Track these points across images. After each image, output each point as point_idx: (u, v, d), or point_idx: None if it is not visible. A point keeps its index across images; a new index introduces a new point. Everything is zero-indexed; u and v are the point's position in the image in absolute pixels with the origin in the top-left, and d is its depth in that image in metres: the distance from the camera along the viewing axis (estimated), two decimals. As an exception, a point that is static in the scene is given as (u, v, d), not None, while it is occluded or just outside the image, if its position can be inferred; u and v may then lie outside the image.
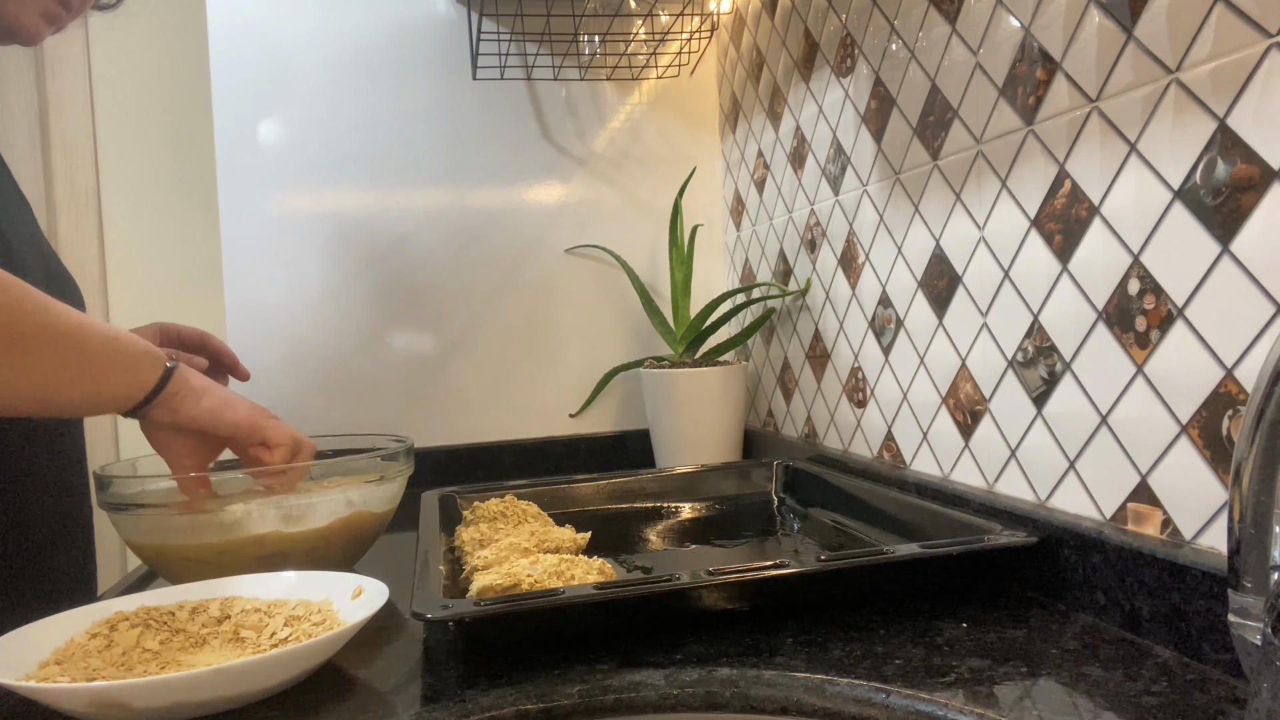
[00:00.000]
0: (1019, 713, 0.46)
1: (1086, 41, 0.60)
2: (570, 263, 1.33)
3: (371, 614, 0.56)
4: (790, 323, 1.13)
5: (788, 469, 0.99)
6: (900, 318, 0.86)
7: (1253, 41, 0.48)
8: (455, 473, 1.27)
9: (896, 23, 0.84)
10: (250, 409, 0.73)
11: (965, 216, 0.75)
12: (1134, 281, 0.57)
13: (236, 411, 0.71)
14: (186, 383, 0.69)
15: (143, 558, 0.75)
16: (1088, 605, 0.59)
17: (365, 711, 0.51)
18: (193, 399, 0.70)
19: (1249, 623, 0.35)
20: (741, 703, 0.51)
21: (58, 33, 0.79)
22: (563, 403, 1.34)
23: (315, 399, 1.25)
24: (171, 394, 0.69)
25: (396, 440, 0.86)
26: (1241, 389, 0.50)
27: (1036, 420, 0.67)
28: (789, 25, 1.08)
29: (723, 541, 0.84)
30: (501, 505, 0.84)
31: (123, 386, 0.66)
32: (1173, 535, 0.55)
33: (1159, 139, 0.54)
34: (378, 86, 1.26)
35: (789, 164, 1.11)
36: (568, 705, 0.51)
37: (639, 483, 0.98)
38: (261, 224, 1.23)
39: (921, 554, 0.60)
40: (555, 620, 0.58)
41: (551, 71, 1.31)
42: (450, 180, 1.29)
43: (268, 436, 0.72)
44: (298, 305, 1.24)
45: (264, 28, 1.23)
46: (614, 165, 1.34)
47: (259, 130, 1.23)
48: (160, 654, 0.57)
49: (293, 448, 0.74)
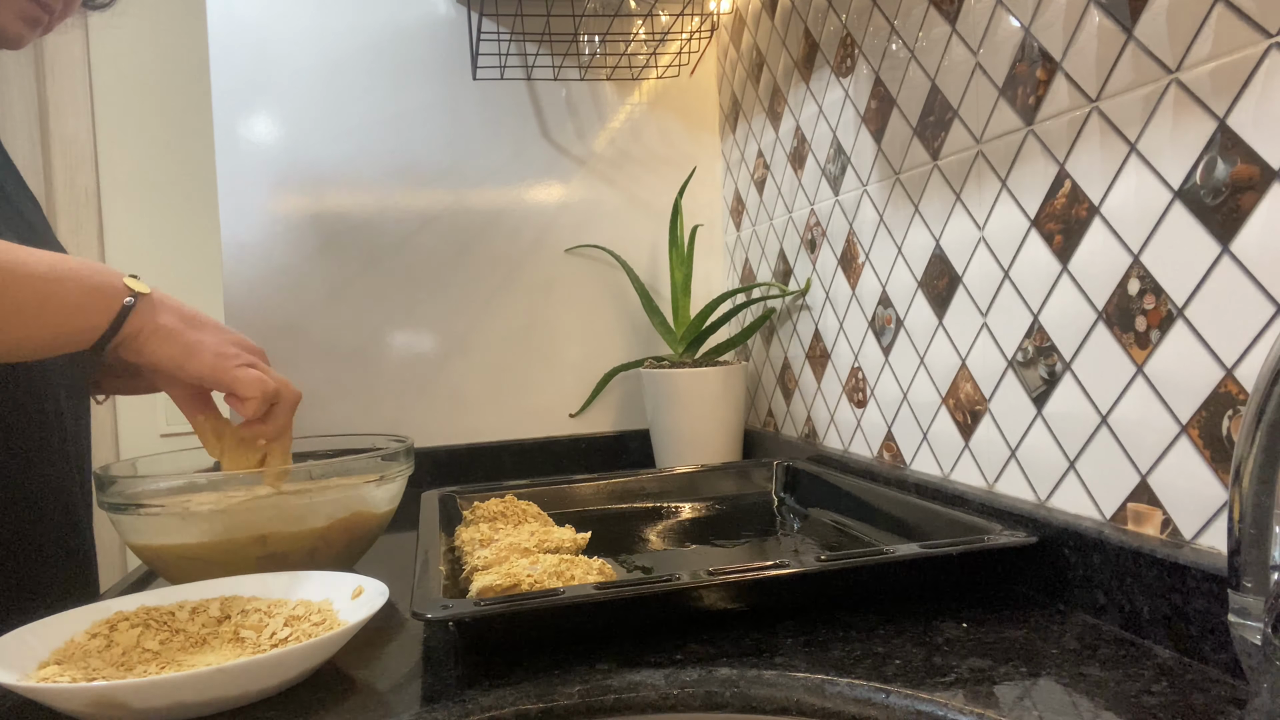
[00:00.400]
0: (1019, 713, 0.46)
1: (1086, 41, 0.60)
2: (570, 263, 1.33)
3: (371, 614, 0.56)
4: (790, 323, 1.13)
5: (788, 469, 0.99)
6: (900, 318, 0.86)
7: (1253, 41, 0.48)
8: (455, 473, 1.27)
9: (896, 23, 0.84)
10: (217, 355, 0.65)
11: (965, 216, 0.75)
12: (1134, 281, 0.57)
13: (200, 358, 0.64)
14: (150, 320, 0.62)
15: (143, 558, 0.75)
16: (1088, 605, 0.59)
17: (365, 711, 0.51)
18: (155, 341, 0.63)
19: (1249, 623, 0.35)
20: (741, 703, 0.51)
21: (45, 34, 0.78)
22: (563, 403, 1.34)
23: (315, 399, 1.25)
24: (130, 334, 0.62)
25: (396, 440, 0.86)
26: (1241, 389, 0.50)
27: (1036, 420, 0.67)
28: (789, 25, 1.08)
29: (723, 541, 0.84)
30: (501, 505, 0.84)
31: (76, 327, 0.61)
32: (1173, 535, 0.55)
33: (1159, 139, 0.54)
34: (378, 86, 1.27)
35: (789, 164, 1.11)
36: (568, 705, 0.51)
37: (639, 483, 0.98)
38: (261, 224, 1.23)
39: (921, 554, 0.60)
40: (555, 620, 0.58)
41: (551, 71, 1.31)
42: (450, 180, 1.29)
43: (236, 388, 0.66)
44: (298, 305, 1.24)
45: (264, 27, 1.23)
46: (614, 165, 1.34)
47: (259, 130, 1.23)
48: (160, 654, 0.57)
49: (265, 398, 0.68)
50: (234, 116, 1.22)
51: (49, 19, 0.76)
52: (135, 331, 0.63)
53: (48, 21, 0.77)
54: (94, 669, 0.53)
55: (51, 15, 0.76)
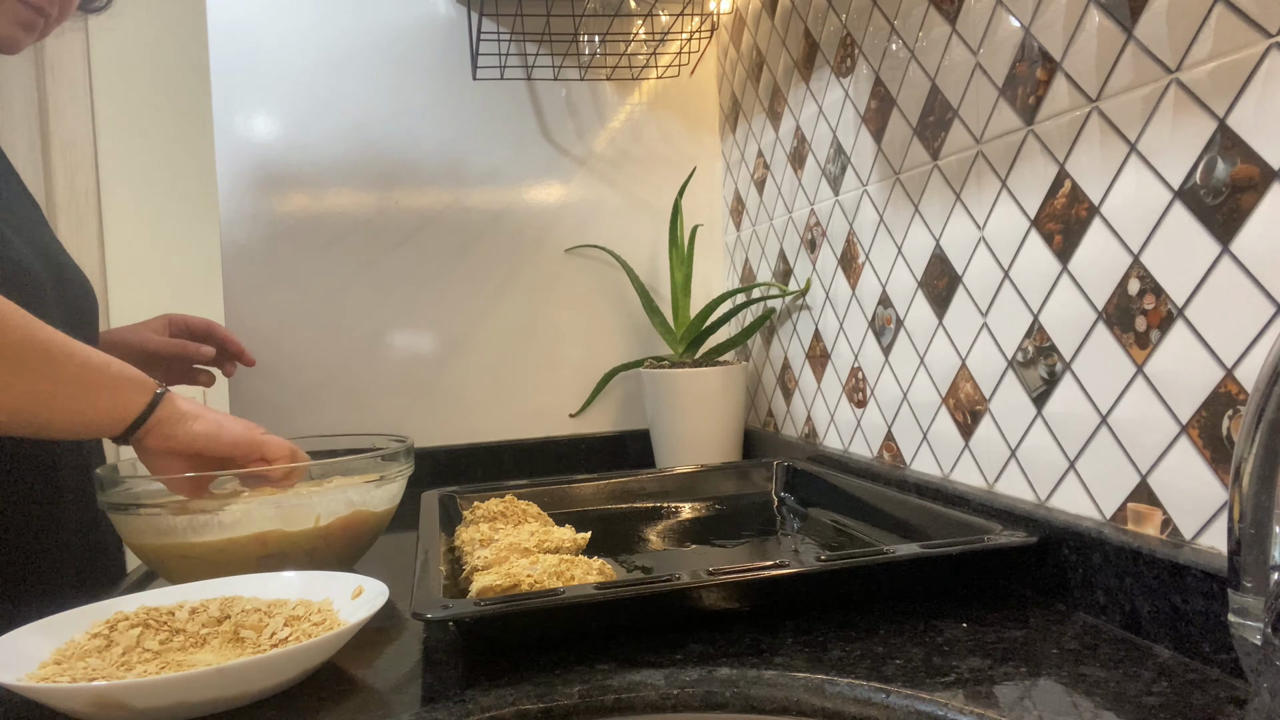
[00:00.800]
0: (1019, 713, 0.46)
1: (1086, 41, 0.60)
2: (570, 263, 1.33)
3: (371, 614, 0.56)
4: (790, 323, 1.13)
5: (788, 469, 0.99)
6: (900, 318, 0.86)
7: (1253, 41, 0.48)
8: (455, 473, 1.27)
9: (896, 23, 0.84)
10: (245, 427, 0.73)
11: (965, 216, 0.75)
12: (1134, 281, 0.57)
13: (233, 431, 0.72)
14: (176, 408, 0.70)
15: (142, 558, 0.75)
16: (1088, 605, 0.59)
17: (365, 711, 0.51)
18: (185, 423, 0.70)
19: (1249, 623, 0.35)
20: (741, 703, 0.51)
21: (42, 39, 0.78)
22: (563, 403, 1.34)
23: (315, 399, 1.25)
24: (162, 419, 0.69)
25: (396, 440, 0.86)
26: (1241, 389, 0.50)
27: (1036, 420, 0.67)
28: (789, 25, 1.08)
29: (723, 541, 0.84)
30: (501, 505, 0.84)
31: (108, 410, 0.67)
32: (1173, 535, 0.55)
33: (1159, 139, 0.54)
34: (378, 86, 1.27)
35: (789, 164, 1.11)
36: (568, 705, 0.51)
37: (639, 483, 0.98)
38: (261, 224, 1.23)
39: (921, 554, 0.60)
40: (555, 620, 0.58)
41: (551, 71, 1.31)
42: (450, 180, 1.29)
43: (266, 452, 0.73)
44: (297, 305, 1.24)
45: (264, 28, 1.23)
46: (614, 165, 1.34)
47: (259, 130, 1.23)
48: (160, 654, 0.57)
49: (290, 459, 0.75)
50: (234, 116, 1.22)
51: (44, 23, 0.76)
52: (165, 417, 0.69)
53: (43, 26, 0.77)
54: (94, 669, 0.53)
55: (47, 20, 0.76)
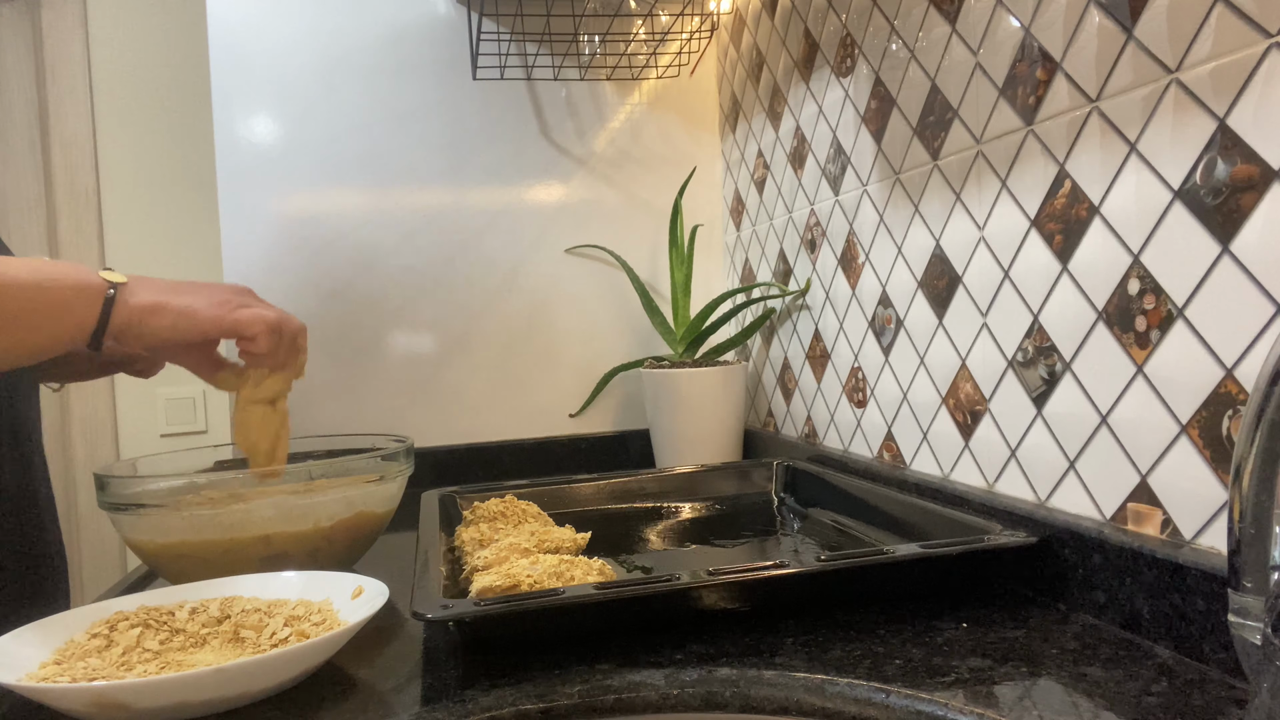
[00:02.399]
0: (1019, 713, 0.46)
1: (1086, 41, 0.60)
2: (570, 263, 1.33)
3: (371, 614, 0.56)
4: (790, 323, 1.13)
5: (788, 469, 0.99)
6: (900, 318, 0.86)
7: (1253, 41, 0.48)
8: (455, 473, 1.27)
9: (896, 23, 0.84)
10: (211, 304, 0.67)
11: (965, 216, 0.75)
12: (1134, 281, 0.57)
13: (198, 316, 0.66)
14: (136, 303, 0.64)
15: (143, 558, 0.75)
16: (1088, 605, 0.59)
17: (365, 711, 0.51)
18: (150, 319, 0.64)
19: (1249, 623, 0.35)
20: (741, 703, 0.51)
21: None
22: (563, 403, 1.34)
23: (315, 399, 1.25)
24: (123, 327, 0.64)
25: (396, 440, 0.86)
26: (1241, 389, 0.50)
27: (1036, 420, 0.67)
28: (789, 25, 1.08)
29: (723, 541, 0.84)
30: (501, 505, 0.84)
31: (72, 327, 0.62)
32: (1173, 535, 0.55)
33: (1159, 139, 0.54)
34: (378, 86, 1.27)
35: (789, 164, 1.11)
36: (568, 705, 0.51)
37: (639, 483, 0.98)
38: (261, 224, 1.23)
39: (921, 554, 0.60)
40: (555, 620, 0.58)
41: (551, 71, 1.31)
42: (450, 180, 1.29)
43: (239, 329, 0.67)
44: (297, 305, 1.24)
45: (264, 27, 1.23)
46: (614, 165, 1.34)
47: (259, 130, 1.23)
48: (160, 654, 0.57)
49: (270, 329, 0.69)
50: (234, 116, 1.22)
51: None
52: (125, 319, 0.64)
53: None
54: (94, 669, 0.53)
55: None
